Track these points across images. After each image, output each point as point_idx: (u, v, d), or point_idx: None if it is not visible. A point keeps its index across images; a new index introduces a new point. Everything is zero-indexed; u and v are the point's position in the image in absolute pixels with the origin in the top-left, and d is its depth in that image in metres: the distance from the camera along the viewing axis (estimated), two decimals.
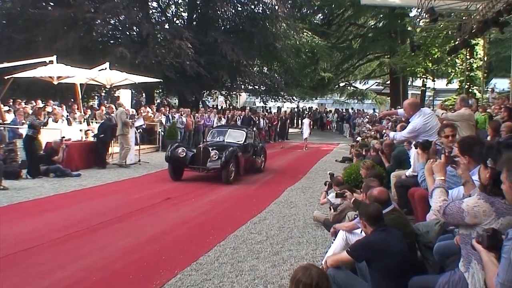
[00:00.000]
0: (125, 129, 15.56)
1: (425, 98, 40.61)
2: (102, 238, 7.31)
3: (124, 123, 15.47)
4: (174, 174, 13.09)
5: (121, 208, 9.43)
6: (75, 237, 7.34)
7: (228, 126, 16.68)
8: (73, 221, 8.24)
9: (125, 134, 15.55)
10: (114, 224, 8.20)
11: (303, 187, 12.62)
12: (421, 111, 7.57)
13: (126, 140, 15.53)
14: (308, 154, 22.11)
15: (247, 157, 14.36)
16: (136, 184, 12.53)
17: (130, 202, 10.01)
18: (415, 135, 7.31)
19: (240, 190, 12.06)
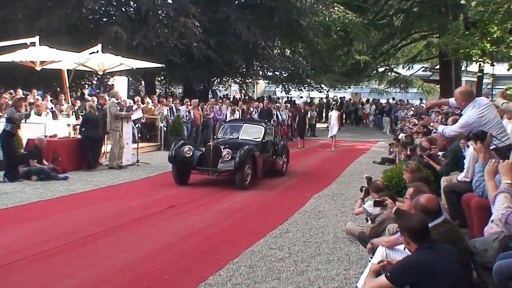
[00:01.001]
0: (115, 123, 15.65)
1: (482, 86, 40.16)
2: (93, 253, 7.37)
3: (115, 116, 15.58)
4: (179, 177, 13.16)
5: (116, 217, 9.50)
6: (61, 252, 7.40)
7: (243, 120, 16.68)
8: (59, 233, 8.32)
9: (115, 130, 15.65)
10: (107, 236, 8.26)
11: (334, 193, 12.58)
12: (476, 102, 7.47)
13: (115, 137, 15.65)
14: (338, 154, 22.04)
15: (266, 157, 14.37)
16: (133, 189, 12.61)
17: (126, 211, 10.08)
18: (468, 131, 7.21)
19: (258, 196, 12.07)
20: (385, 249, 5.81)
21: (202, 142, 21.80)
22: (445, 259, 4.50)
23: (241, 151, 12.68)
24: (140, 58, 20.33)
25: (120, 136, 15.71)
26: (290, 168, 16.17)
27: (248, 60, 30.94)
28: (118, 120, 15.62)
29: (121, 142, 15.75)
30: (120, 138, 15.70)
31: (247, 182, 12.87)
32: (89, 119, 15.30)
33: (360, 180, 14.02)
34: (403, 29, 39.12)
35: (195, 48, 25.50)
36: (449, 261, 4.51)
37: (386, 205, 6.90)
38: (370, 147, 25.06)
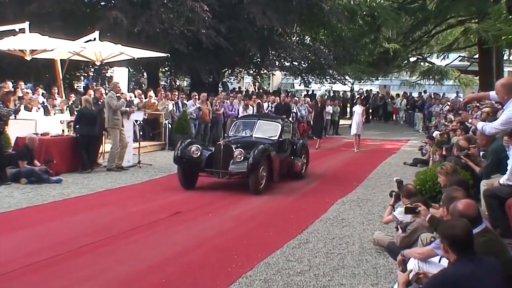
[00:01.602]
0: (114, 119, 15.64)
1: None
2: (90, 265, 7.38)
3: (114, 111, 15.56)
4: (185, 180, 13.19)
5: (114, 225, 9.53)
6: (54, 264, 7.42)
7: (257, 116, 16.67)
8: (51, 242, 8.35)
9: (115, 128, 15.66)
10: (105, 246, 8.28)
11: (359, 199, 12.55)
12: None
13: (115, 135, 15.67)
14: (365, 154, 21.98)
15: (283, 158, 14.37)
16: (134, 193, 12.65)
17: (126, 218, 10.11)
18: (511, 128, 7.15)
19: (274, 202, 12.06)
20: (417, 262, 5.77)
21: (211, 141, 21.83)
22: (487, 273, 4.44)
23: (255, 151, 12.66)
24: (142, 47, 20.37)
25: (121, 133, 15.73)
26: (310, 170, 16.15)
27: (263, 49, 30.89)
28: (117, 116, 15.59)
29: (122, 141, 15.75)
30: (121, 136, 15.72)
31: (262, 186, 12.87)
32: (85, 115, 15.31)
33: (389, 184, 13.95)
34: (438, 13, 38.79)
35: (204, 36, 25.49)
36: (492, 275, 4.45)
37: (418, 212, 6.84)
38: (400, 147, 24.96)
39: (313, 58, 33.84)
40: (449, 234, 4.64)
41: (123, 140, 15.78)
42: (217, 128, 23.31)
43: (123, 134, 15.82)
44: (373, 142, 26.73)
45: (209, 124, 22.76)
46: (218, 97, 24.63)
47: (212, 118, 22.93)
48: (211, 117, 22.81)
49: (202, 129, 22.28)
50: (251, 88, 43.84)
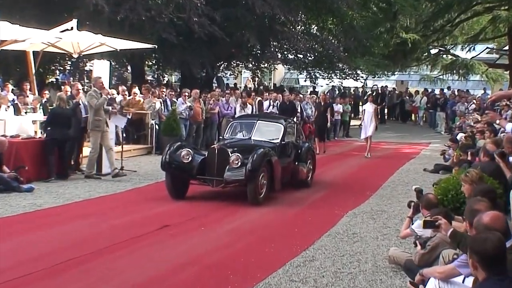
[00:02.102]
0: (95, 120, 15.51)
1: None
2: (65, 285, 7.38)
3: (96, 110, 15.49)
4: (175, 189, 13.20)
5: (94, 240, 9.52)
6: (24, 284, 7.41)
7: (257, 117, 16.68)
8: (22, 259, 8.34)
9: (95, 130, 15.61)
10: (83, 264, 8.27)
11: (373, 210, 12.56)
12: None
13: (95, 139, 15.63)
14: (379, 160, 21.99)
15: (286, 163, 14.40)
16: (116, 203, 12.66)
17: (107, 232, 10.11)
18: None
19: (275, 214, 12.07)
20: (438, 282, 5.77)
21: (205, 144, 21.83)
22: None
23: (253, 155, 12.67)
24: (125, 37, 20.33)
25: (104, 135, 15.65)
26: (317, 177, 16.17)
27: (263, 40, 30.79)
28: (99, 116, 15.46)
29: (106, 145, 15.67)
30: (105, 138, 15.67)
31: (262, 195, 12.88)
32: (57, 115, 15.21)
33: (407, 193, 13.97)
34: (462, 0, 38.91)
35: (196, 24, 25.45)
36: None
37: (439, 226, 6.83)
38: (419, 151, 24.97)
39: (321, 50, 33.79)
40: (480, 249, 4.64)
41: (106, 142, 15.70)
42: (211, 129, 23.32)
43: (106, 136, 15.76)
44: (388, 146, 26.74)
45: (202, 125, 22.77)
46: (212, 94, 24.56)
47: (206, 118, 22.95)
48: (204, 117, 22.82)
49: (193, 130, 22.30)
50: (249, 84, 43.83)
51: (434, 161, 19.87)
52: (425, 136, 32.29)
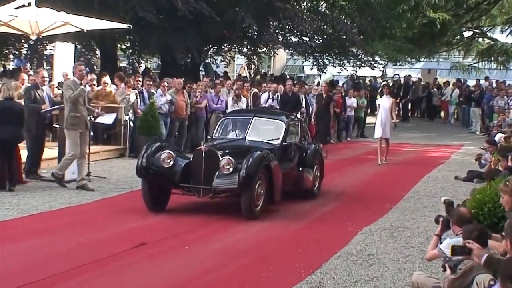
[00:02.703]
0: (71, 116, 15.17)
1: None
2: None
3: (73, 105, 15.12)
4: (153, 199, 13.19)
5: (55, 261, 9.53)
6: None
7: (253, 112, 16.65)
8: None
9: (71, 129, 15.25)
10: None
11: (393, 226, 12.57)
12: None
13: (73, 139, 15.25)
14: (402, 165, 22.03)
15: (289, 169, 14.45)
16: (82, 217, 12.63)
17: (71, 251, 10.11)
18: None
19: (275, 230, 12.11)
20: None
21: (189, 145, 21.84)
22: None
23: (249, 159, 12.65)
24: (94, 16, 20.33)
25: (82, 138, 15.35)
26: (325, 186, 16.22)
27: (261, 19, 30.82)
28: (77, 112, 15.12)
29: (80, 149, 15.40)
30: (82, 143, 15.36)
31: (258, 207, 12.88)
32: (3, 110, 14.64)
33: (434, 206, 14.02)
34: None
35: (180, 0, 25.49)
36: None
37: (470, 252, 6.85)
38: (450, 155, 25.01)
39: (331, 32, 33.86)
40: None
41: (82, 147, 15.53)
42: (196, 127, 23.31)
43: (85, 138, 15.55)
44: (412, 148, 26.76)
45: (186, 122, 22.75)
46: (198, 84, 24.57)
47: (190, 113, 22.92)
48: (189, 112, 22.78)
49: (176, 129, 22.33)
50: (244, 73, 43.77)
51: (467, 167, 19.88)
52: (457, 136, 32.31)
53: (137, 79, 23.48)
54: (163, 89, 22.08)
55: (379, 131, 22.07)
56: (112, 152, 20.84)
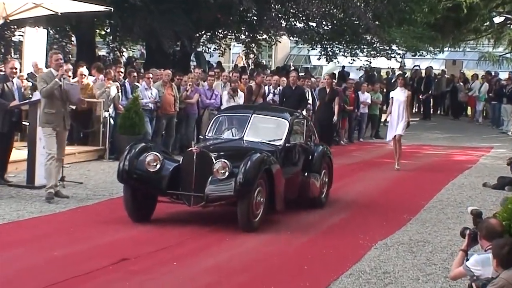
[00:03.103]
0: (45, 113, 14.95)
1: None
2: None
3: (48, 99, 14.89)
4: (137, 208, 13.19)
5: (25, 278, 9.49)
6: None
7: (252, 108, 16.62)
8: None
9: (47, 126, 15.03)
10: None
11: (412, 240, 12.57)
12: None
13: (49, 138, 15.02)
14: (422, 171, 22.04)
15: (293, 174, 14.49)
16: (56, 228, 12.63)
17: (42, 267, 10.08)
18: None
19: (276, 244, 12.10)
20: None
21: (178, 146, 21.83)
22: None
23: (247, 163, 12.63)
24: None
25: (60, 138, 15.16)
26: (334, 194, 16.26)
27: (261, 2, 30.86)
28: (52, 108, 14.89)
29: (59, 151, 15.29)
30: (59, 144, 15.16)
31: (258, 218, 12.86)
32: None
33: (460, 217, 14.05)
34: None
35: None
36: None
37: None
38: (478, 159, 25.05)
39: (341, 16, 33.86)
40: None
41: (59, 149, 15.41)
42: (187, 125, 23.32)
43: (62, 139, 15.32)
44: (434, 151, 26.79)
45: (175, 119, 22.80)
46: (189, 76, 24.54)
47: (180, 110, 22.95)
48: (178, 108, 22.82)
49: (163, 127, 22.39)
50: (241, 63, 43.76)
51: (497, 172, 19.90)
52: (486, 137, 32.36)
53: (119, 70, 23.39)
54: (148, 82, 22.09)
55: (393, 130, 21.79)
56: (89, 153, 20.86)
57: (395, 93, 22.46)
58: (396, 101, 21.87)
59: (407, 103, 21.97)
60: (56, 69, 15.17)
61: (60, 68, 15.29)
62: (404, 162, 22.54)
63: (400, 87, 22.35)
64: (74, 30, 31.99)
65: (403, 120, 21.60)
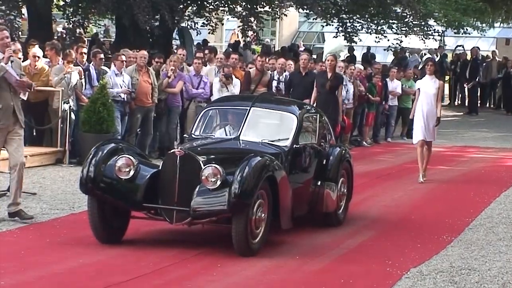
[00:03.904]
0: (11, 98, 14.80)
1: None
2: None
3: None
4: (105, 226, 13.18)
5: None
6: None
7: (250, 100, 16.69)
8: None
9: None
10: None
11: (454, 267, 12.58)
12: None
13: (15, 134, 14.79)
14: (466, 179, 22.06)
15: (302, 183, 14.57)
16: (4, 251, 12.55)
17: None
18: None
19: (281, 272, 12.11)
20: None
21: (157, 146, 21.91)
22: None
23: (244, 168, 12.62)
24: None
25: (10, 140, 14.83)
26: (354, 208, 16.36)
27: None
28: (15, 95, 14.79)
29: (12, 157, 14.88)
30: (10, 146, 14.63)
31: (258, 238, 12.89)
32: None
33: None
34: None
35: None
36: None
37: None
38: None
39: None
40: None
41: (16, 153, 15.12)
42: (168, 121, 23.40)
43: (16, 141, 15.18)
44: (482, 154, 26.82)
45: (153, 113, 22.92)
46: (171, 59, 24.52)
47: (159, 101, 23.06)
48: (157, 99, 22.92)
49: (138, 123, 22.52)
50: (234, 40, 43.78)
51: None
52: None
53: (81, 50, 23.37)
54: (120, 66, 22.12)
55: (420, 131, 21.20)
56: (45, 157, 20.92)
57: (422, 83, 22.06)
58: (424, 93, 21.40)
59: (438, 96, 21.40)
60: (1, 50, 14.66)
61: (7, 49, 14.71)
62: (443, 168, 22.62)
63: (430, 75, 21.86)
64: (26, 1, 32.07)
65: (433, 118, 21.10)
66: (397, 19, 38.79)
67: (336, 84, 23.01)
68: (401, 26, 39.91)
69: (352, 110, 27.61)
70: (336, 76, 23.52)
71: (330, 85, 22.81)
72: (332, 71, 23.36)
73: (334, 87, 22.94)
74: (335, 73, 23.50)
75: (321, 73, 24.41)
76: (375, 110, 29.09)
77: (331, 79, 22.96)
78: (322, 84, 23.15)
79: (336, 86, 23.01)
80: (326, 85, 22.87)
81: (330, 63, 23.97)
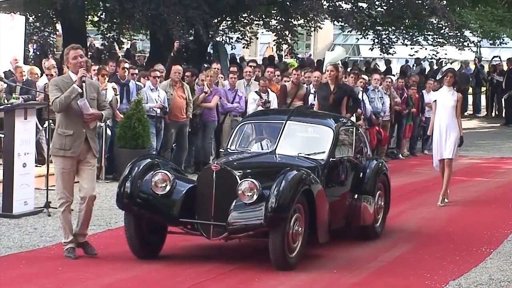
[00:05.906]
0: (59, 135, 13.43)
1: None
2: None
3: (62, 113, 13.58)
4: (142, 242, 13.21)
5: None
6: None
7: (286, 114, 16.67)
8: None
9: (61, 155, 14.23)
10: None
11: (493, 280, 12.47)
12: None
13: (63, 169, 13.46)
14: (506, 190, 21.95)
15: (339, 196, 14.54)
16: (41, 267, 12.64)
17: None
18: None
19: (318, 285, 12.07)
20: None
21: (193, 162, 21.89)
22: None
23: (280, 183, 12.60)
24: None
25: (83, 170, 14.34)
26: (391, 221, 16.32)
27: None
28: (66, 129, 13.44)
29: (85, 188, 14.33)
30: (83, 176, 14.33)
31: (295, 253, 12.84)
32: None
33: None
34: None
35: None
36: None
37: None
38: None
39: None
40: None
41: (87, 184, 14.27)
42: (204, 137, 23.45)
43: (87, 170, 14.39)
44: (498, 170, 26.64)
45: (188, 128, 22.95)
46: (206, 74, 24.50)
47: (194, 116, 23.10)
48: (192, 114, 22.95)
49: (172, 138, 22.54)
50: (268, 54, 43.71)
51: None
52: None
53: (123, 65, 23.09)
54: (154, 82, 22.11)
55: (439, 150, 20.07)
56: None
57: (439, 95, 20.64)
58: (441, 106, 20.13)
59: (458, 111, 20.20)
60: (75, 70, 13.50)
61: (80, 70, 13.41)
62: (481, 180, 22.51)
63: (448, 87, 20.36)
64: (59, 16, 32.15)
65: (452, 134, 19.80)
66: (433, 31, 38.66)
67: (340, 97, 21.46)
68: (436, 37, 39.79)
69: (388, 123, 27.54)
70: (340, 87, 22.03)
71: (334, 99, 21.29)
72: (334, 82, 21.74)
73: (338, 99, 21.42)
74: (338, 85, 21.98)
75: (323, 85, 23.16)
76: (412, 122, 29.02)
77: (334, 93, 21.40)
78: (324, 97, 21.84)
79: (340, 98, 21.48)
80: (329, 98, 21.45)
81: (330, 73, 22.19)
